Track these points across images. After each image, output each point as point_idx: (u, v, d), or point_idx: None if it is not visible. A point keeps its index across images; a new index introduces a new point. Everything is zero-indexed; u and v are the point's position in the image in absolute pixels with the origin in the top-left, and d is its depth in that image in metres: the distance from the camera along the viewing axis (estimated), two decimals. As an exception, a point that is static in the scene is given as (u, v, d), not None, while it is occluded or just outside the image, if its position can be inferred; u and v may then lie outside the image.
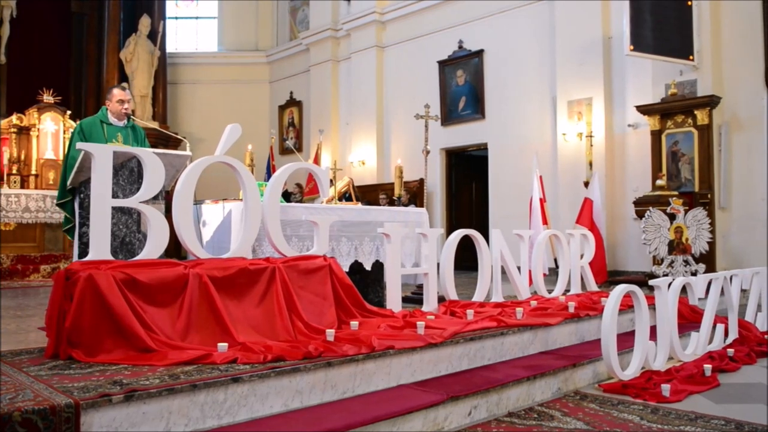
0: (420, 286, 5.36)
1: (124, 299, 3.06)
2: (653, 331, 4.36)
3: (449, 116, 11.54)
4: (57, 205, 4.83)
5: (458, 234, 5.14)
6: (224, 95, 15.40)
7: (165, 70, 14.07)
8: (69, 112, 10.69)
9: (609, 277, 8.34)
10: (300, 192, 10.95)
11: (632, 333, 4.39)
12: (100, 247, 3.36)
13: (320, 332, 3.59)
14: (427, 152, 6.28)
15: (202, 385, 2.59)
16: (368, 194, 11.57)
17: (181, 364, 2.89)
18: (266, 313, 3.62)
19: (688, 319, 5.50)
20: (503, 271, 5.41)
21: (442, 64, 11.66)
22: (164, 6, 14.24)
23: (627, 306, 4.82)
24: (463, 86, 11.39)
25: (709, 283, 5.16)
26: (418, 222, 5.52)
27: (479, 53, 11.10)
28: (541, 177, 8.12)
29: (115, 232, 4.25)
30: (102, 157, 3.41)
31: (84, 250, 4.28)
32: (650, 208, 7.30)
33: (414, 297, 5.48)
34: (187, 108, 15.41)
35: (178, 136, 10.27)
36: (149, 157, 3.67)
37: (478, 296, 5.19)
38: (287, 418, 2.77)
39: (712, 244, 7.49)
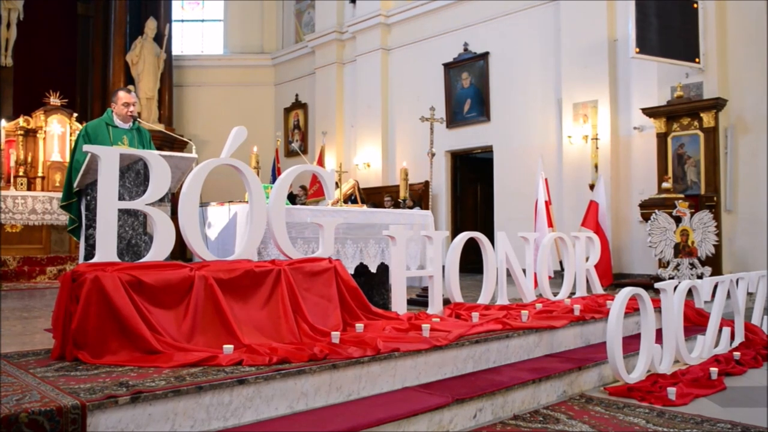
0: (425, 289, 5.36)
1: (130, 301, 3.07)
2: (659, 334, 4.35)
3: (454, 119, 11.54)
4: (61, 206, 4.84)
5: (463, 236, 5.14)
6: (230, 98, 15.43)
7: (171, 73, 14.12)
8: (75, 115, 10.75)
9: (614, 280, 8.32)
10: (305, 194, 10.97)
11: (638, 336, 4.38)
12: (106, 249, 3.38)
13: (325, 334, 3.60)
14: (432, 154, 6.28)
15: (208, 386, 2.59)
16: (373, 196, 11.58)
17: (186, 365, 2.89)
18: (271, 315, 3.63)
19: (694, 322, 5.48)
20: (508, 274, 5.40)
21: (447, 67, 11.66)
22: (170, 9, 14.29)
23: (632, 309, 4.81)
24: (468, 89, 11.39)
25: (715, 286, 5.14)
26: (423, 224, 5.52)
27: (484, 56, 11.10)
28: (546, 179, 8.11)
29: (122, 234, 4.27)
30: (108, 159, 3.42)
31: (90, 252, 4.30)
32: (656, 210, 7.29)
33: (419, 299, 5.47)
34: (192, 110, 15.46)
35: (184, 139, 10.30)
36: (155, 159, 3.68)
37: (483, 299, 5.19)
38: (292, 420, 2.78)
39: (718, 247, 7.48)
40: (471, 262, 7.85)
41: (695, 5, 8.12)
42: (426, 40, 12.19)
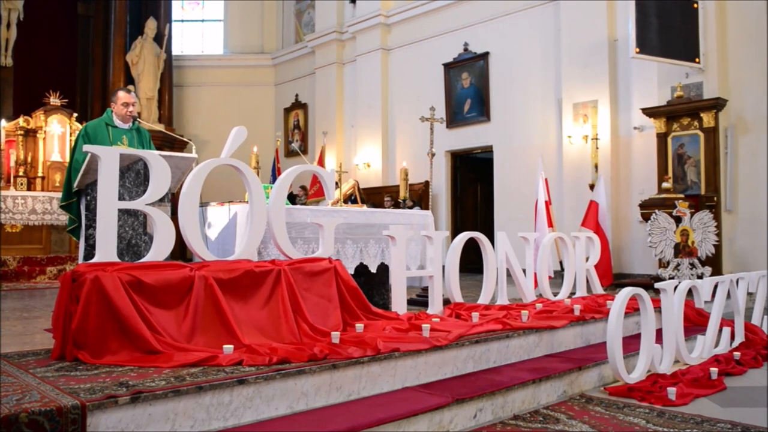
0: (425, 289, 5.36)
1: (130, 301, 3.07)
2: (659, 334, 4.35)
3: (454, 118, 11.54)
4: (61, 206, 4.84)
5: (463, 237, 5.14)
6: (230, 98, 15.43)
7: (171, 73, 14.12)
8: (75, 115, 10.76)
9: (614, 280, 8.31)
10: (305, 194, 10.97)
11: (638, 336, 4.38)
12: (106, 249, 3.38)
13: (325, 334, 3.60)
14: (432, 155, 6.28)
15: (208, 386, 2.59)
16: (373, 197, 11.58)
17: (186, 365, 2.89)
18: (271, 315, 3.63)
19: (694, 322, 5.48)
20: (508, 274, 5.40)
21: (448, 67, 11.66)
22: (170, 9, 14.29)
23: (633, 309, 4.81)
24: (468, 89, 11.39)
25: (716, 286, 5.14)
26: (423, 224, 5.52)
27: (484, 56, 11.10)
28: (546, 179, 8.11)
29: (122, 234, 4.27)
30: (108, 159, 3.42)
31: (90, 252, 4.30)
32: (656, 210, 7.29)
33: (419, 299, 5.48)
34: (192, 110, 15.46)
35: (184, 139, 10.30)
36: (155, 159, 3.68)
37: (484, 299, 5.19)
38: (292, 420, 2.78)
39: (718, 247, 7.48)
40: (471, 262, 7.85)
41: (695, 5, 8.12)
42: (426, 40, 12.19)
